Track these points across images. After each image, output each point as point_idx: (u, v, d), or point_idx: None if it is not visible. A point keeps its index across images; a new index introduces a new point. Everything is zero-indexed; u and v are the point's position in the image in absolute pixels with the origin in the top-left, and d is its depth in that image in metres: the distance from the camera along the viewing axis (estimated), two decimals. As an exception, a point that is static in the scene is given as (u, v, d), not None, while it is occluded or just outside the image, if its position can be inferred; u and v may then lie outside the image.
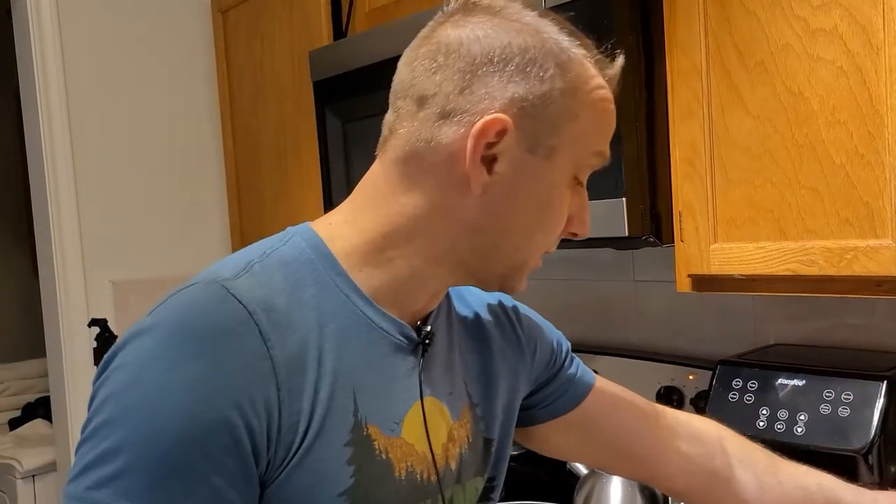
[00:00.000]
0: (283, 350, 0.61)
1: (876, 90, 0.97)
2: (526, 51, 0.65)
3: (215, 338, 0.59)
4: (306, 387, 0.62)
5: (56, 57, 1.98)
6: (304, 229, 0.70)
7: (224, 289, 0.61)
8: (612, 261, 1.66)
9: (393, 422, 0.68)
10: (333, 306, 0.66)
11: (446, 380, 0.75)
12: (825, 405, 1.13)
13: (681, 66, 1.16)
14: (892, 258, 0.97)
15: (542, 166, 0.67)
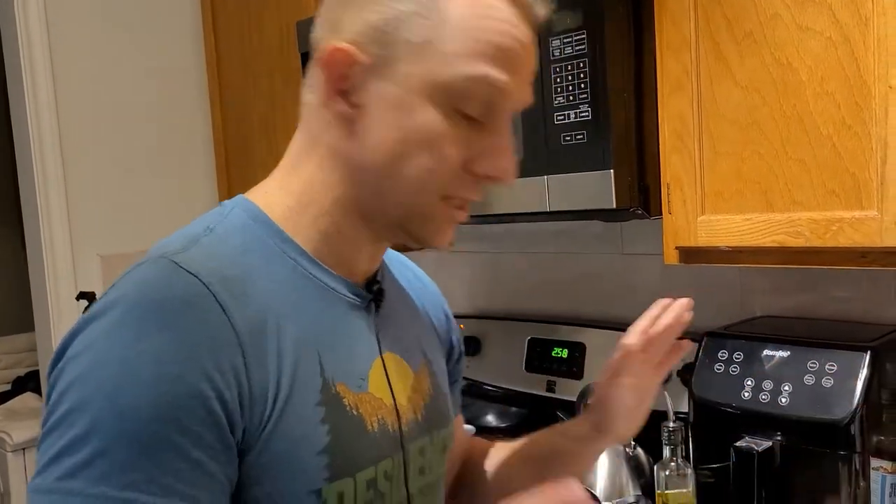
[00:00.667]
0: (244, 319, 0.60)
1: (864, 61, 0.97)
2: None
3: (176, 310, 0.58)
4: (270, 354, 0.61)
5: (41, 28, 1.95)
6: (241, 201, 0.70)
7: (173, 263, 0.60)
8: (601, 234, 1.66)
9: (359, 378, 0.68)
10: (284, 273, 0.66)
11: (402, 336, 0.77)
12: (809, 376, 1.14)
13: (670, 39, 1.15)
14: (877, 229, 0.97)
15: (402, 96, 0.63)
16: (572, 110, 1.19)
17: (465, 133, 0.64)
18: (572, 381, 1.60)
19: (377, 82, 0.64)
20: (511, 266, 1.84)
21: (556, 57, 1.20)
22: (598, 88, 1.16)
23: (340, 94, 0.65)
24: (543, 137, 1.23)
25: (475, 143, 0.65)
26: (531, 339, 1.70)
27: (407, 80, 0.63)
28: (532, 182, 1.26)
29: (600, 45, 1.15)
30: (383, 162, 0.65)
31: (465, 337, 1.81)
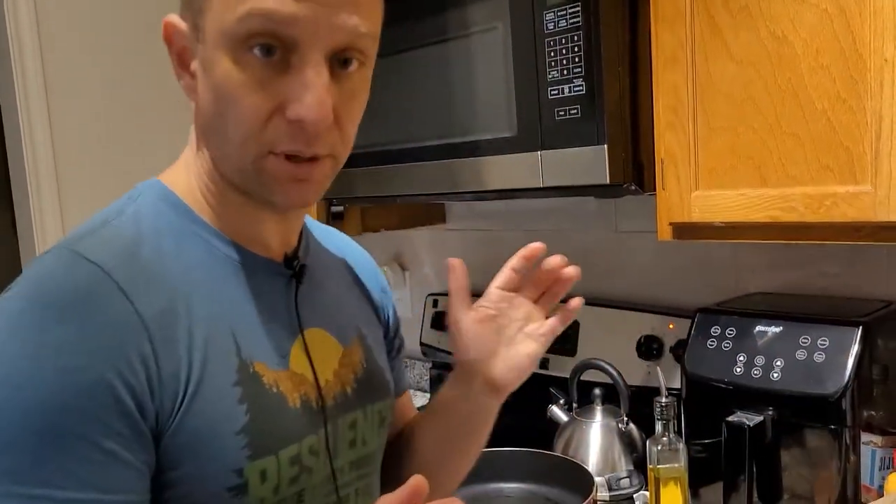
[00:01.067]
0: (150, 303, 0.60)
1: (860, 33, 0.96)
2: None
3: (76, 301, 0.57)
4: (180, 336, 0.61)
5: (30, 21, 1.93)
6: (152, 182, 0.70)
7: (73, 252, 0.60)
8: (595, 211, 1.66)
9: (279, 356, 0.68)
10: (196, 252, 0.66)
11: (330, 310, 0.76)
12: (801, 351, 1.15)
13: (665, 11, 1.14)
14: (871, 204, 0.97)
15: (207, 52, 0.62)
16: (566, 84, 1.18)
17: (266, 79, 0.60)
18: (566, 357, 1.60)
19: (195, 46, 0.64)
20: (505, 243, 1.83)
21: (549, 30, 1.19)
22: (592, 62, 1.15)
23: (183, 66, 0.66)
24: (537, 112, 1.22)
25: (282, 87, 0.61)
26: (525, 317, 1.70)
27: (206, 36, 0.62)
28: (526, 157, 1.25)
29: (595, 17, 1.13)
30: (209, 125, 0.65)
31: (459, 314, 1.81)
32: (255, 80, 0.60)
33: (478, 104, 1.32)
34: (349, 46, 0.62)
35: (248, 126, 0.62)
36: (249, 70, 0.60)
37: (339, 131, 0.65)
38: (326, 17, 0.59)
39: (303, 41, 0.60)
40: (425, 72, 1.37)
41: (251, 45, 0.60)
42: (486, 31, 1.28)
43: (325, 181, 0.67)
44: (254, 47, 0.60)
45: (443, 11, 1.33)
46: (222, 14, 0.60)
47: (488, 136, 1.30)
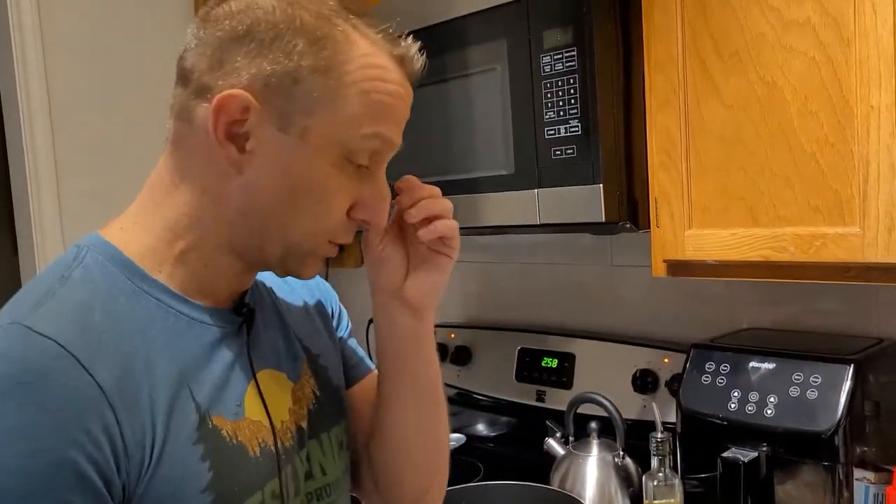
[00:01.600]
0: (109, 371, 0.60)
1: (847, 81, 0.99)
2: (273, 26, 0.64)
3: (34, 382, 0.56)
4: (142, 402, 0.61)
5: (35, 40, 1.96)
6: (95, 240, 0.68)
7: (25, 328, 0.59)
8: (590, 246, 1.68)
9: (235, 405, 0.68)
10: (147, 312, 0.65)
11: (278, 346, 0.77)
12: (794, 388, 1.16)
13: (658, 56, 1.17)
14: (859, 245, 0.99)
15: (297, 145, 0.65)
16: (562, 125, 1.21)
17: (352, 183, 0.68)
18: (562, 391, 1.62)
19: (272, 132, 0.65)
20: (502, 276, 1.86)
21: (546, 73, 1.22)
22: (587, 104, 1.18)
23: (230, 138, 0.65)
24: (534, 152, 1.25)
25: (358, 189, 0.69)
26: (521, 349, 1.72)
27: (304, 132, 0.65)
28: (523, 195, 1.28)
29: (590, 61, 1.17)
30: (272, 208, 0.66)
31: (457, 346, 1.83)
32: (347, 184, 0.68)
33: (476, 142, 1.34)
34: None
35: (328, 222, 0.68)
36: (345, 175, 0.67)
37: None
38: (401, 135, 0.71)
39: (388, 156, 0.71)
40: (425, 110, 1.40)
41: (357, 158, 0.67)
42: (485, 72, 1.31)
43: None
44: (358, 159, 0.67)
45: (443, 53, 1.36)
46: (340, 126, 0.65)
47: (486, 173, 1.33)
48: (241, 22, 0.64)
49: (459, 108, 1.36)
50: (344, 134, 0.66)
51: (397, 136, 0.69)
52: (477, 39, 1.31)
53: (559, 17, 1.19)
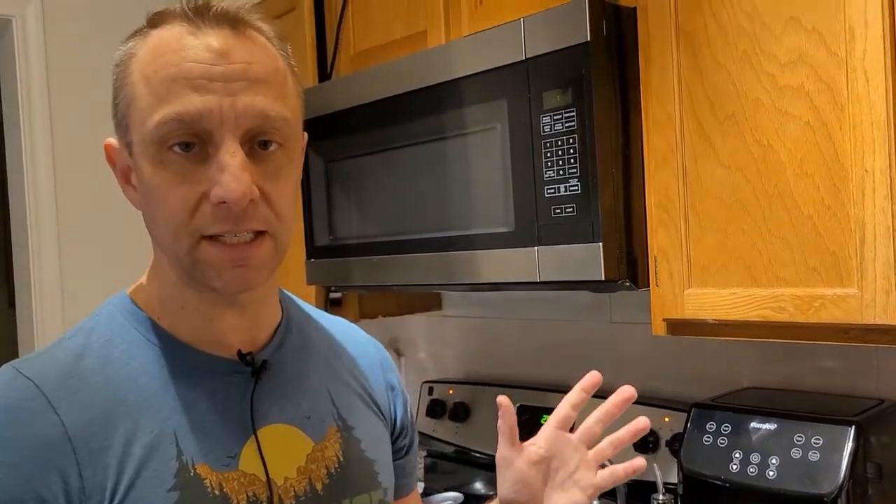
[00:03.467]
0: (79, 414, 0.63)
1: (841, 145, 1.01)
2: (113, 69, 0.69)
3: (4, 418, 0.62)
4: (112, 444, 0.64)
5: (42, 94, 1.99)
6: (118, 295, 0.74)
7: (14, 370, 0.65)
8: (590, 302, 1.68)
9: (227, 456, 0.68)
10: (145, 360, 0.69)
11: (302, 405, 0.75)
12: (796, 449, 1.15)
13: (656, 116, 1.19)
14: (857, 307, 1.00)
15: (136, 162, 0.67)
16: (562, 184, 1.23)
17: (188, 172, 0.64)
18: (561, 449, 1.60)
19: (130, 162, 0.68)
20: (501, 332, 1.85)
21: (546, 132, 1.24)
22: (587, 163, 1.20)
23: (126, 182, 0.70)
24: (534, 209, 1.26)
25: (203, 175, 0.64)
26: (520, 406, 1.70)
27: (133, 148, 0.67)
28: (523, 252, 1.28)
29: (589, 121, 1.19)
30: (150, 228, 0.70)
31: (455, 403, 1.81)
32: (178, 174, 0.64)
33: (476, 199, 1.36)
34: (262, 129, 0.65)
35: (178, 218, 0.64)
36: (171, 167, 0.64)
37: (269, 208, 0.66)
38: (231, 105, 0.63)
39: (214, 130, 0.63)
40: (426, 166, 1.42)
41: (170, 145, 0.64)
42: (485, 130, 1.33)
43: (267, 262, 0.68)
44: (173, 146, 0.64)
45: (444, 111, 1.39)
46: (141, 126, 0.65)
47: (486, 230, 1.34)
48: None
49: (459, 166, 1.38)
50: (144, 131, 0.64)
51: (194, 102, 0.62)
52: (477, 99, 1.34)
53: (559, 78, 1.22)
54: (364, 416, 0.82)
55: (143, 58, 0.65)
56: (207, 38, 0.64)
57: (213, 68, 0.63)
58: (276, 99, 0.66)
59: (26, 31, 1.97)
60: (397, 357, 2.09)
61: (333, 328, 0.87)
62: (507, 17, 1.34)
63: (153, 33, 0.66)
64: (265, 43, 0.68)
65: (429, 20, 1.53)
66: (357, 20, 1.70)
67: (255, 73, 0.65)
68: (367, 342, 0.90)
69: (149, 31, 0.67)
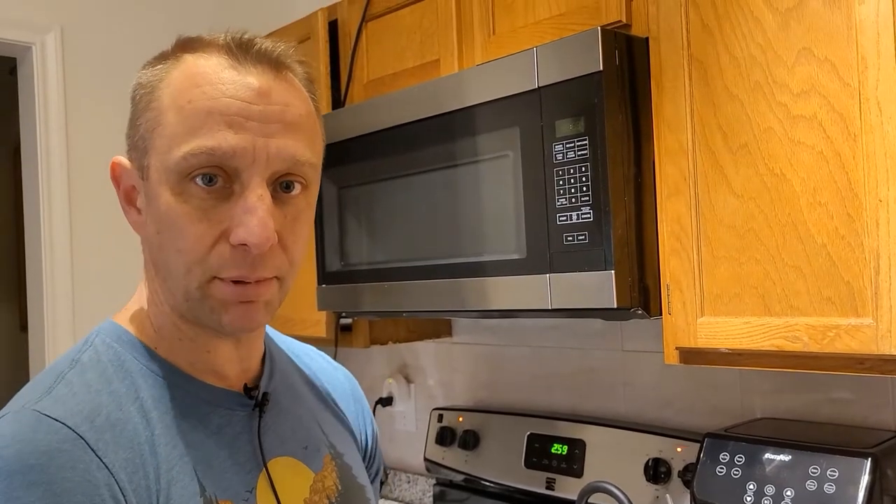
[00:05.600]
0: (117, 453, 0.60)
1: (854, 175, 1.01)
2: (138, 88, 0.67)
3: (43, 465, 0.56)
4: (148, 483, 0.61)
5: (59, 120, 2.02)
6: (106, 324, 0.70)
7: (35, 412, 0.59)
8: (602, 330, 1.68)
9: (245, 491, 0.67)
10: (155, 392, 0.66)
11: (299, 435, 0.75)
12: (811, 481, 1.14)
13: (668, 145, 1.20)
14: (872, 337, 0.99)
15: (147, 187, 0.66)
16: (574, 212, 1.23)
17: (209, 207, 0.63)
18: (572, 479, 1.58)
19: (140, 183, 0.67)
20: (511, 359, 1.85)
21: (558, 160, 1.25)
22: (599, 191, 1.20)
23: (129, 203, 0.68)
24: (546, 237, 1.26)
25: (225, 213, 0.63)
26: (531, 435, 1.69)
27: (150, 172, 0.65)
28: (535, 280, 1.28)
29: (601, 150, 1.20)
30: (155, 257, 0.67)
31: (464, 430, 1.80)
32: (199, 209, 0.62)
33: (487, 226, 1.36)
34: (289, 172, 0.65)
35: (194, 254, 0.63)
36: (192, 200, 0.62)
37: (284, 253, 0.66)
38: (265, 146, 0.63)
39: (244, 169, 0.63)
40: (438, 193, 1.43)
41: (193, 176, 0.62)
42: (497, 158, 1.34)
43: (273, 303, 0.67)
44: (196, 178, 0.62)
45: (456, 139, 1.40)
46: (165, 153, 0.63)
47: (498, 257, 1.34)
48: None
49: (471, 193, 1.38)
50: (167, 159, 0.63)
51: (228, 139, 0.62)
52: (490, 127, 1.35)
53: (571, 107, 1.23)
54: (348, 442, 0.83)
55: (176, 84, 0.64)
56: (249, 77, 0.63)
57: (251, 107, 0.62)
58: (307, 144, 0.67)
59: (45, 59, 2.00)
60: (407, 384, 2.09)
61: (302, 354, 0.87)
62: (519, 47, 1.36)
63: (188, 59, 0.65)
64: (300, 86, 0.68)
65: (442, 49, 1.55)
66: (371, 49, 1.72)
67: (290, 116, 0.65)
68: (337, 369, 0.90)
69: (182, 56, 0.65)
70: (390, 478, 2.10)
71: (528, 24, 1.40)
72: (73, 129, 2.05)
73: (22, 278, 2.15)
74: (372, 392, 2.15)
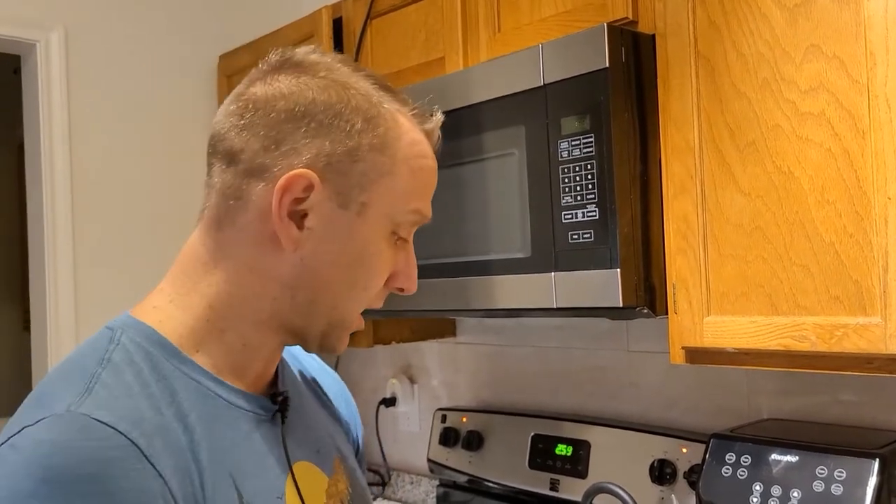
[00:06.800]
0: (167, 460, 0.58)
1: (863, 172, 1.00)
2: (330, 106, 0.65)
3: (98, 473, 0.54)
4: (195, 490, 0.60)
5: (62, 118, 2.02)
6: (130, 322, 0.67)
7: (83, 416, 0.56)
8: (607, 330, 1.67)
9: (276, 497, 0.66)
10: (187, 395, 0.64)
11: (311, 438, 0.75)
12: (818, 482, 1.13)
13: (674, 143, 1.19)
14: (881, 336, 0.98)
15: (355, 222, 0.66)
16: (580, 209, 1.22)
17: (393, 252, 0.70)
18: (577, 479, 1.57)
19: (331, 208, 0.66)
20: (515, 360, 1.84)
21: (563, 158, 1.24)
22: (604, 189, 1.19)
23: (290, 216, 0.65)
24: (551, 235, 1.26)
25: (400, 259, 0.71)
26: (535, 435, 1.68)
27: (362, 209, 0.66)
28: (539, 278, 1.28)
29: (607, 147, 1.19)
30: (327, 283, 0.67)
31: (468, 431, 1.79)
32: (391, 258, 0.70)
33: (493, 224, 1.36)
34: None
35: (372, 290, 0.70)
36: (390, 248, 0.69)
37: None
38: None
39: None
40: (443, 191, 1.41)
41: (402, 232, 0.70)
42: (502, 156, 1.33)
43: None
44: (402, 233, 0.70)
45: (461, 137, 1.39)
46: (394, 202, 0.68)
47: (502, 255, 1.34)
48: (297, 103, 0.65)
49: (476, 191, 1.38)
50: (395, 209, 0.68)
51: (430, 209, 0.72)
52: (496, 125, 1.34)
53: (577, 104, 1.22)
54: (347, 444, 0.83)
55: (406, 141, 0.68)
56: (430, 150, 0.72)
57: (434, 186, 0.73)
58: None
59: (49, 57, 1.99)
60: (410, 384, 2.08)
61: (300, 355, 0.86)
62: (525, 44, 1.35)
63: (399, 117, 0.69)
64: None
65: (447, 47, 1.54)
66: (376, 46, 1.71)
67: None
68: (327, 370, 0.90)
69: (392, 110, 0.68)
70: (393, 479, 2.09)
71: (534, 21, 1.39)
72: (77, 127, 2.05)
73: (26, 278, 2.15)
74: (375, 392, 2.14)
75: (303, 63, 0.68)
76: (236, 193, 0.66)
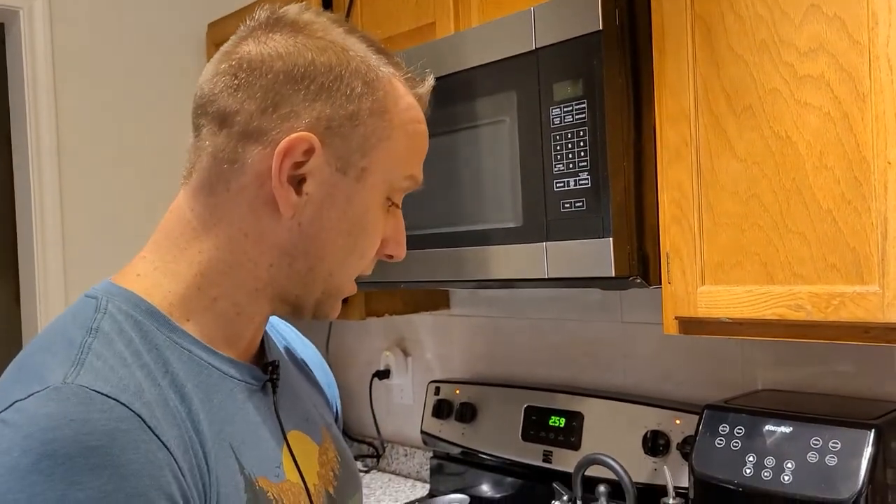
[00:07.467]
0: (170, 431, 0.57)
1: (863, 136, 0.97)
2: (331, 68, 0.63)
3: (105, 446, 0.52)
4: (198, 461, 0.58)
5: (48, 88, 1.98)
6: (111, 288, 0.63)
7: (82, 388, 0.54)
8: (600, 301, 1.65)
9: (275, 467, 0.65)
10: (181, 365, 0.61)
11: (299, 408, 0.74)
12: (812, 453, 1.11)
13: (669, 109, 1.16)
14: (878, 305, 0.96)
15: (354, 187, 0.65)
16: (572, 178, 1.20)
17: (386, 218, 0.69)
18: (570, 451, 1.56)
19: (331, 172, 0.64)
20: (509, 332, 1.82)
21: (556, 125, 1.21)
22: (597, 157, 1.17)
23: (291, 180, 0.63)
24: (543, 204, 1.23)
25: (390, 226, 0.70)
26: (528, 407, 1.67)
27: (362, 174, 0.65)
28: (531, 248, 1.25)
29: (600, 114, 1.16)
30: (324, 249, 0.65)
31: (461, 403, 1.78)
32: (383, 221, 0.69)
33: (484, 194, 1.33)
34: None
35: (367, 257, 0.69)
36: (384, 214, 0.68)
37: None
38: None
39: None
40: (433, 160, 1.39)
41: (396, 197, 0.69)
42: (494, 123, 1.30)
43: None
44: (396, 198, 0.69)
45: (452, 104, 1.36)
46: (396, 168, 0.67)
47: (494, 225, 1.31)
48: (296, 64, 0.63)
49: (467, 160, 1.35)
50: (393, 174, 0.67)
51: (422, 174, 0.71)
52: (487, 91, 1.31)
53: (569, 69, 1.19)
54: (329, 413, 0.83)
55: (403, 106, 0.67)
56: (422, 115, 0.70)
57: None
58: None
59: (33, 23, 1.95)
60: (404, 356, 2.06)
61: (279, 325, 0.85)
62: (516, 7, 1.31)
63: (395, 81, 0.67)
64: None
65: (438, 11, 1.50)
66: (365, 12, 1.67)
67: None
68: (302, 339, 0.89)
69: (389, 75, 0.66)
70: (387, 451, 2.09)
71: (526, -16, 1.35)
72: (62, 97, 2.01)
73: (17, 250, 2.12)
74: (369, 365, 2.13)
75: (297, 22, 0.65)
76: (231, 157, 0.63)
